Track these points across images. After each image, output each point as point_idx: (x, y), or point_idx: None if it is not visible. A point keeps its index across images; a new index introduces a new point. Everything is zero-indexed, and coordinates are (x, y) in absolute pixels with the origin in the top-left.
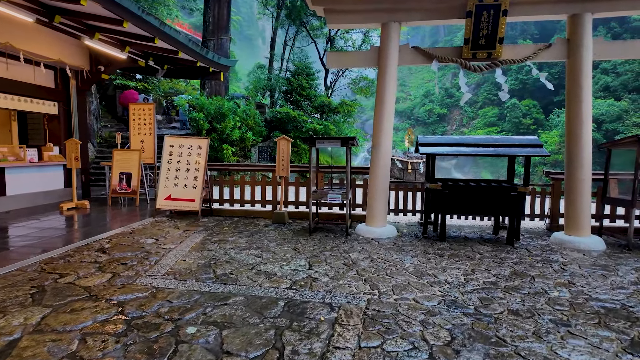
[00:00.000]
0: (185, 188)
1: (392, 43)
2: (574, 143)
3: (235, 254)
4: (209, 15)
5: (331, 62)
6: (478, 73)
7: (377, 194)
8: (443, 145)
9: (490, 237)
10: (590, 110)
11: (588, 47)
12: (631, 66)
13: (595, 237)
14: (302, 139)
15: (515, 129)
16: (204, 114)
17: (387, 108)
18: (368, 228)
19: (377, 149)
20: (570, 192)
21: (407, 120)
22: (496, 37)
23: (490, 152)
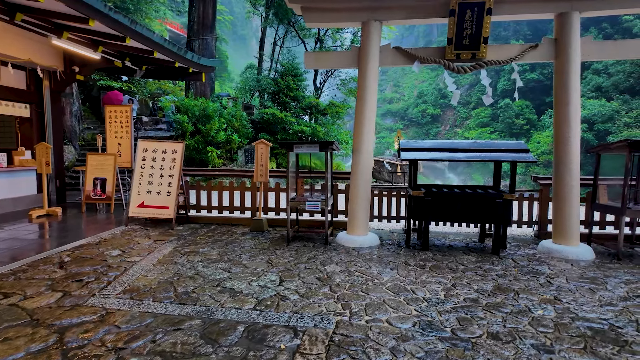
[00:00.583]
0: (159, 195)
1: (373, 43)
2: (562, 147)
3: (203, 268)
4: (193, 14)
5: (309, 62)
6: (462, 74)
7: (358, 201)
8: (426, 150)
9: (476, 246)
10: (578, 113)
11: (576, 47)
12: (622, 67)
13: (584, 246)
14: (279, 143)
15: (509, 130)
16: (188, 116)
17: (368, 110)
18: (349, 237)
19: (358, 154)
20: (558, 199)
21: (401, 121)
22: (480, 37)
23: (474, 158)
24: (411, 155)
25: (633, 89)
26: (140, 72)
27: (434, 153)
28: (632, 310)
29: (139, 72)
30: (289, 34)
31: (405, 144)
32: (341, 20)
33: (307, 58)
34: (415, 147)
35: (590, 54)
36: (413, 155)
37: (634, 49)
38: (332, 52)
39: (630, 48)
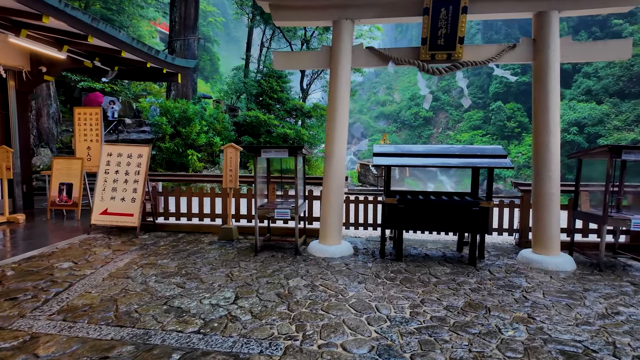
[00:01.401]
0: (123, 201)
1: (344, 43)
2: (542, 153)
3: (155, 283)
4: (175, 14)
5: (278, 63)
6: (437, 76)
7: (331, 208)
8: (399, 155)
9: (454, 255)
10: (558, 118)
11: (555, 48)
12: (612, 70)
13: (565, 256)
14: (245, 147)
15: (500, 132)
16: (167, 118)
17: (340, 114)
18: (320, 246)
19: (330, 159)
20: (537, 207)
21: (393, 123)
22: (456, 37)
23: (448, 164)
24: (384, 160)
25: (622, 92)
26: (112, 72)
27: (408, 159)
28: (609, 330)
29: (111, 73)
30: (276, 35)
31: (378, 148)
32: (311, 18)
33: (277, 58)
34: (388, 152)
35: (569, 55)
36: (386, 160)
37: (614, 50)
38: (303, 53)
39: (610, 49)
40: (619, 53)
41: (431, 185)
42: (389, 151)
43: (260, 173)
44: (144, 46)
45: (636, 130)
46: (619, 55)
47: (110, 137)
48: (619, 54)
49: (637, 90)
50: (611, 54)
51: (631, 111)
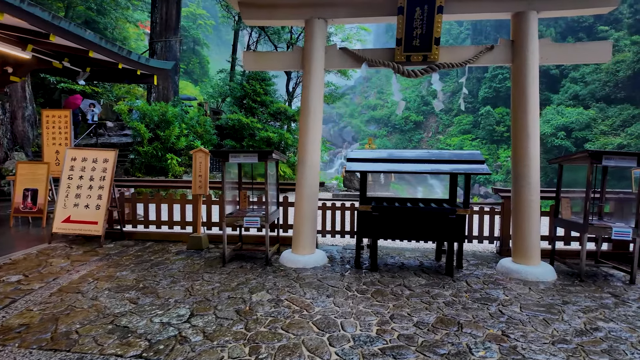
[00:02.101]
0: (87, 208)
1: (317, 43)
2: (520, 159)
3: (106, 299)
4: (156, 15)
5: (248, 63)
6: (412, 78)
7: (304, 216)
8: (374, 160)
9: (431, 265)
10: (537, 122)
11: (533, 49)
12: (598, 75)
13: (546, 266)
14: (212, 152)
15: (490, 137)
16: (146, 121)
17: (313, 118)
18: (293, 256)
19: (302, 165)
20: (517, 215)
21: (384, 127)
22: (432, 38)
23: (424, 170)
24: (358, 166)
25: (608, 97)
26: (83, 74)
27: (383, 164)
28: (586, 348)
29: (82, 74)
30: (262, 38)
31: (353, 154)
32: (281, 17)
33: (247, 58)
34: (363, 157)
35: (549, 56)
36: (360, 166)
37: (594, 52)
38: (274, 53)
39: (590, 51)
40: (598, 56)
41: (420, 188)
42: (363, 156)
43: (231, 179)
44: (113, 46)
45: (622, 135)
46: (598, 58)
47: (89, 141)
48: (598, 57)
49: (622, 95)
50: (591, 57)
51: (617, 116)
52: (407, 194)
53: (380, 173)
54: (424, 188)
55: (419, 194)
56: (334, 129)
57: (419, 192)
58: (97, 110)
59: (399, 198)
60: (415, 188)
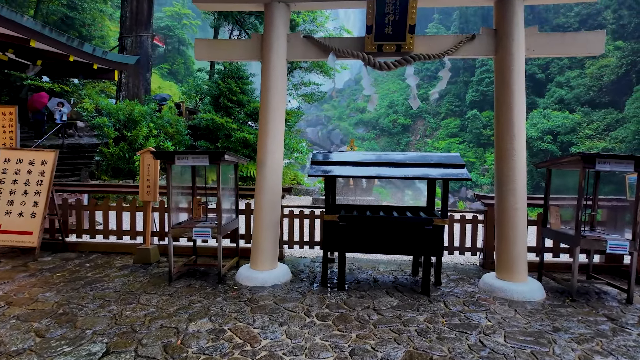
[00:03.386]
0: (20, 217)
1: (278, 30)
2: (505, 161)
3: (8, 330)
4: (125, 9)
5: (200, 53)
6: (385, 71)
7: (263, 226)
8: (338, 164)
9: (406, 281)
10: (523, 120)
11: (519, 39)
12: (583, 80)
13: (533, 283)
14: (154, 152)
15: (477, 140)
16: (112, 120)
17: (274, 114)
18: (250, 272)
19: (262, 167)
20: (501, 225)
21: (372, 130)
22: (406, 25)
23: (397, 175)
24: (321, 170)
25: (593, 101)
26: (34, 67)
27: (351, 167)
28: None
29: (32, 68)
30: (243, 36)
31: (316, 156)
32: (238, 1)
33: (198, 47)
34: (327, 161)
35: (536, 47)
36: (323, 170)
37: (586, 43)
38: (229, 41)
39: (581, 42)
40: (590, 47)
41: (409, 192)
42: (327, 159)
43: (183, 183)
44: (60, 35)
45: (607, 139)
46: (590, 50)
47: (56, 142)
48: (590, 48)
49: (606, 100)
50: (582, 49)
51: (601, 120)
52: (393, 199)
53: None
54: (413, 192)
55: (407, 197)
56: (322, 132)
57: (407, 196)
58: (66, 110)
59: (372, 206)
60: (403, 192)
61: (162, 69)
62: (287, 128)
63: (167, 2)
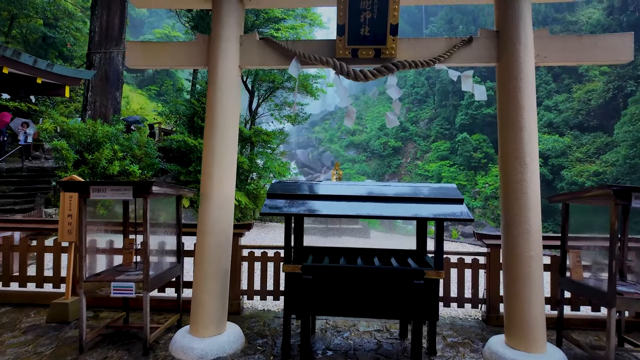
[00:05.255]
0: None
1: (229, 31)
2: (514, 197)
3: None
4: (95, 23)
5: (134, 58)
6: (362, 82)
7: (206, 278)
8: (307, 197)
9: (392, 348)
10: (536, 144)
11: (527, 43)
12: (571, 104)
13: (555, 354)
14: (61, 184)
15: (467, 163)
16: (73, 142)
17: (222, 135)
18: (188, 340)
19: (206, 203)
20: (512, 277)
21: (363, 152)
22: (386, 24)
23: (380, 214)
24: (281, 205)
25: (582, 125)
26: None
27: (321, 202)
28: None
29: None
30: None
31: (275, 187)
32: None
33: (131, 51)
34: (289, 194)
35: (548, 54)
36: (283, 207)
37: (607, 49)
38: (169, 44)
39: (602, 47)
40: (615, 53)
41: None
42: (290, 191)
43: (108, 219)
44: None
45: (597, 162)
46: (615, 56)
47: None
48: (615, 55)
49: (595, 123)
50: (605, 55)
51: (591, 143)
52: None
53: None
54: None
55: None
56: (312, 154)
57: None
58: (31, 131)
59: (349, 249)
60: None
61: (150, 90)
62: (270, 150)
63: (158, 24)
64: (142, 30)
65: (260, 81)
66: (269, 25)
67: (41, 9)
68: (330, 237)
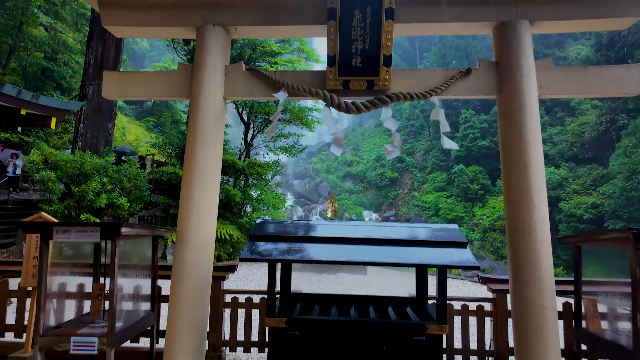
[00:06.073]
0: None
1: (213, 60)
2: (522, 240)
3: None
4: (90, 56)
5: (110, 89)
6: (354, 114)
7: (181, 333)
8: (295, 239)
9: None
10: (543, 182)
11: (529, 75)
12: (565, 137)
13: None
14: (21, 224)
15: (464, 194)
16: (59, 174)
17: (202, 171)
18: None
19: (183, 245)
20: (523, 330)
21: (360, 183)
22: (380, 55)
23: (376, 260)
24: (264, 250)
25: (577, 157)
26: None
27: (310, 246)
28: None
29: None
30: None
31: (260, 227)
32: (160, 24)
33: (108, 81)
34: (278, 235)
35: (551, 85)
36: (267, 250)
37: (614, 81)
38: (148, 74)
39: (608, 78)
40: (621, 85)
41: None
42: (276, 232)
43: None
44: None
45: (594, 194)
46: (624, 88)
47: (2, 197)
48: (624, 87)
49: (589, 155)
50: (610, 87)
51: (587, 175)
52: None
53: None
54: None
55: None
56: (309, 184)
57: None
58: (20, 162)
59: (342, 296)
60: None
61: (148, 122)
62: (264, 182)
63: (159, 58)
64: (142, 64)
65: (256, 113)
66: (266, 58)
67: (40, 42)
68: (325, 273)
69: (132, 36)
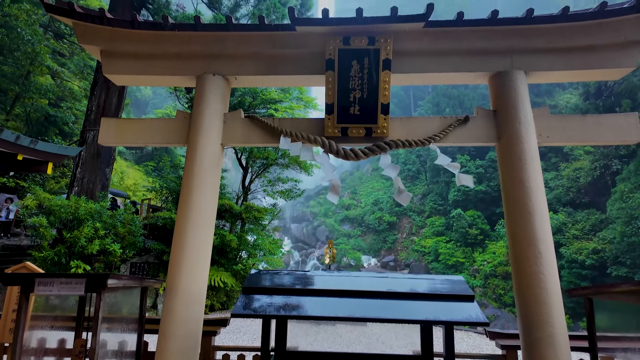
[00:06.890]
0: None
1: (212, 108)
2: (530, 293)
3: None
4: (93, 103)
5: (106, 136)
6: (352, 160)
7: None
8: (291, 292)
9: None
10: (548, 229)
11: (527, 122)
12: (561, 182)
13: None
14: (1, 276)
15: (463, 239)
16: (52, 219)
17: (197, 220)
18: None
19: (173, 296)
20: None
21: (358, 227)
22: (377, 104)
23: (375, 317)
24: (258, 305)
25: (574, 202)
26: None
27: (307, 300)
28: None
29: None
30: None
31: (255, 279)
32: (161, 72)
33: (105, 128)
34: (274, 288)
35: (550, 133)
36: (261, 305)
37: (612, 129)
38: (146, 121)
39: (606, 127)
40: (620, 134)
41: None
42: (271, 285)
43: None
44: None
45: (594, 239)
46: (622, 137)
47: None
48: (622, 135)
49: (586, 200)
50: (610, 135)
51: (585, 220)
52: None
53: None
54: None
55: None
56: (307, 228)
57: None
58: (14, 208)
59: (341, 354)
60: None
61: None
62: (261, 227)
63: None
64: (145, 110)
65: (254, 158)
66: (267, 106)
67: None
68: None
69: (133, 84)
